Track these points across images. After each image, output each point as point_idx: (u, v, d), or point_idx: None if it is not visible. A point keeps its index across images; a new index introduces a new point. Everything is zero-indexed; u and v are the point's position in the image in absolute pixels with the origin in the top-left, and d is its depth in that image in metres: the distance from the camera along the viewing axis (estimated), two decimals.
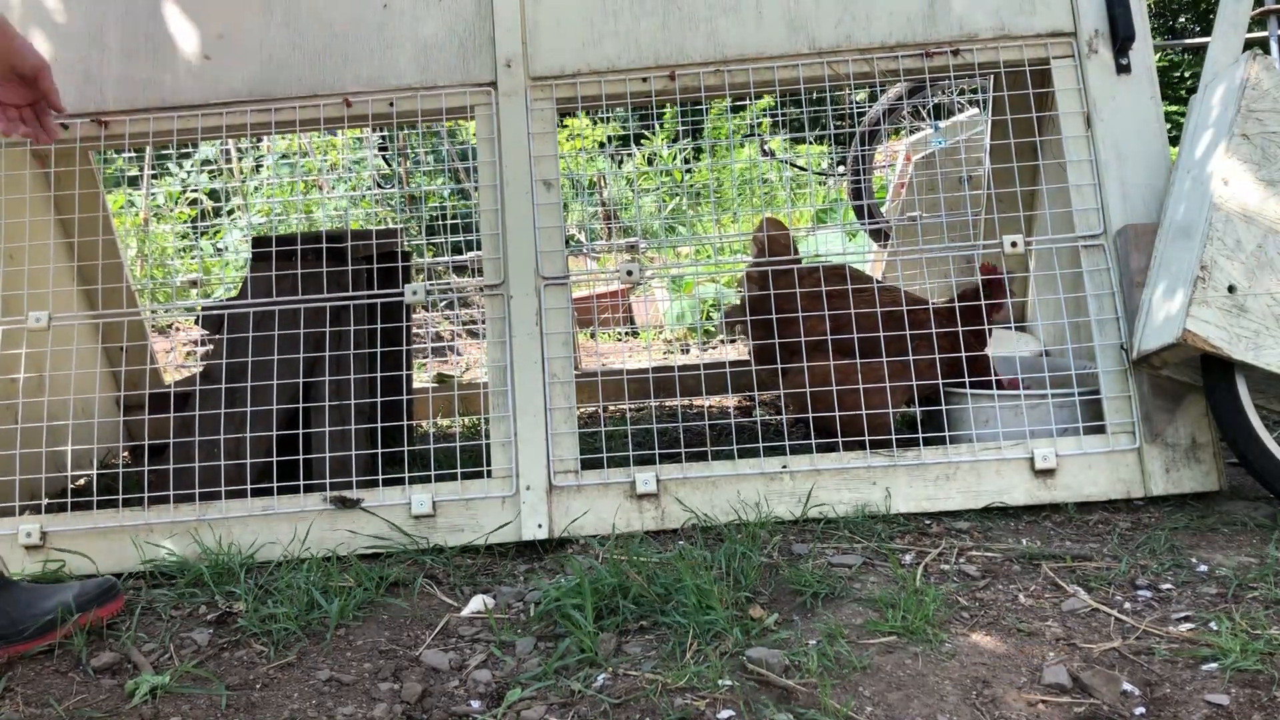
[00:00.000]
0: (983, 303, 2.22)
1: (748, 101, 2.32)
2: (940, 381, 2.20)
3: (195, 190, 5.67)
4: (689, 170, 6.82)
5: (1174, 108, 8.54)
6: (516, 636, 1.55)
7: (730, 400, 3.06)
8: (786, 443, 2.21)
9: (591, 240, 6.06)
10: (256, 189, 5.86)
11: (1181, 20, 12.91)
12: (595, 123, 6.79)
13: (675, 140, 7.09)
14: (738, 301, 2.34)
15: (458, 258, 4.53)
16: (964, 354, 2.14)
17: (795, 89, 2.19)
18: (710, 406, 3.10)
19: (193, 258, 5.14)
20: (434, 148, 6.02)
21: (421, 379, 3.69)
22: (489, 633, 1.58)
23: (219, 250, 5.47)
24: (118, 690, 1.42)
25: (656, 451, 2.00)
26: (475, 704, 1.36)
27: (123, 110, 2.18)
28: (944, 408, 2.17)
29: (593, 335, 4.14)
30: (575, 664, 1.43)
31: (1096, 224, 2.08)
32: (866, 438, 2.02)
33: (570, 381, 2.04)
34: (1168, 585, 1.60)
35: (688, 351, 4.44)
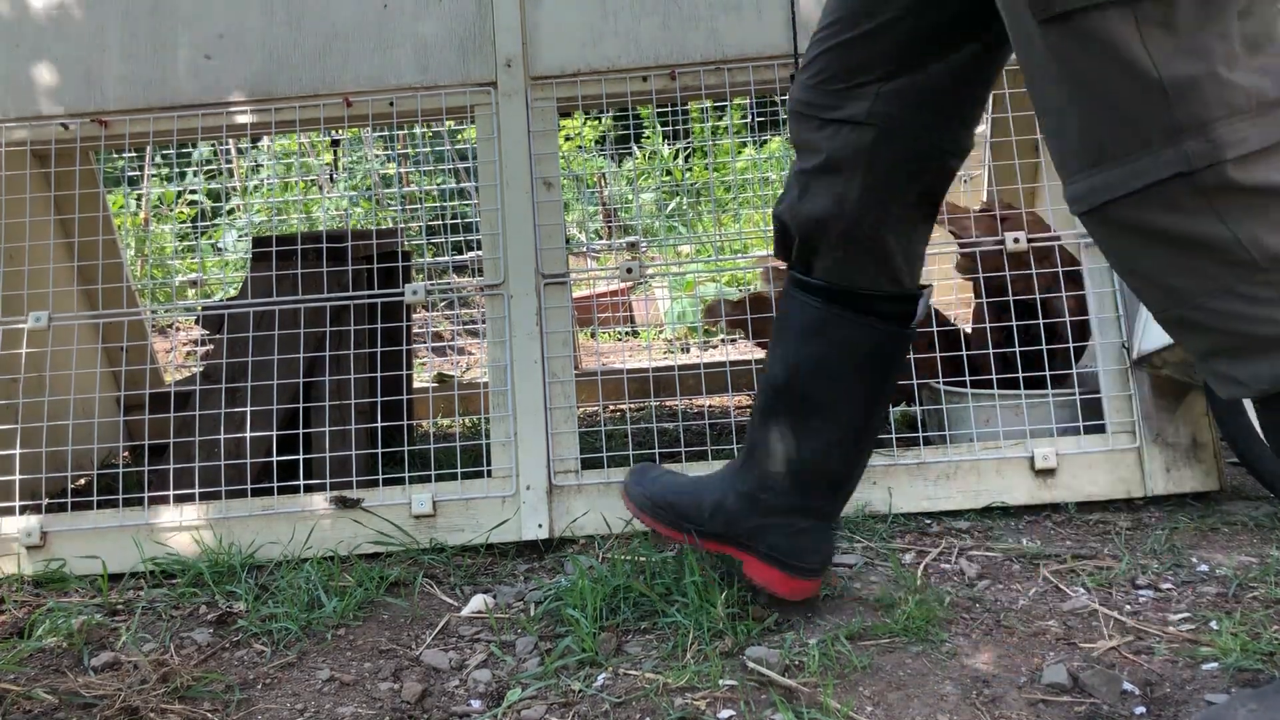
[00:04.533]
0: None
1: (748, 99, 2.32)
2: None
3: (195, 190, 5.67)
4: (689, 168, 6.82)
5: None
6: (516, 636, 1.55)
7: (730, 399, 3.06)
8: None
9: (591, 240, 6.05)
10: (255, 189, 5.85)
11: None
12: (586, 122, 6.77)
13: (674, 139, 7.08)
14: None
15: (458, 257, 4.53)
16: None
17: None
18: (710, 406, 3.10)
19: (193, 258, 5.14)
20: (433, 147, 6.01)
21: (422, 379, 3.69)
22: (489, 632, 1.58)
23: (218, 250, 5.47)
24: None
25: (657, 451, 2.00)
26: (475, 704, 1.36)
27: (123, 110, 2.17)
28: (944, 407, 2.17)
29: (593, 335, 4.14)
30: (575, 663, 1.43)
31: None
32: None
33: (570, 381, 2.04)
34: (1168, 585, 1.60)
35: (688, 351, 4.44)
